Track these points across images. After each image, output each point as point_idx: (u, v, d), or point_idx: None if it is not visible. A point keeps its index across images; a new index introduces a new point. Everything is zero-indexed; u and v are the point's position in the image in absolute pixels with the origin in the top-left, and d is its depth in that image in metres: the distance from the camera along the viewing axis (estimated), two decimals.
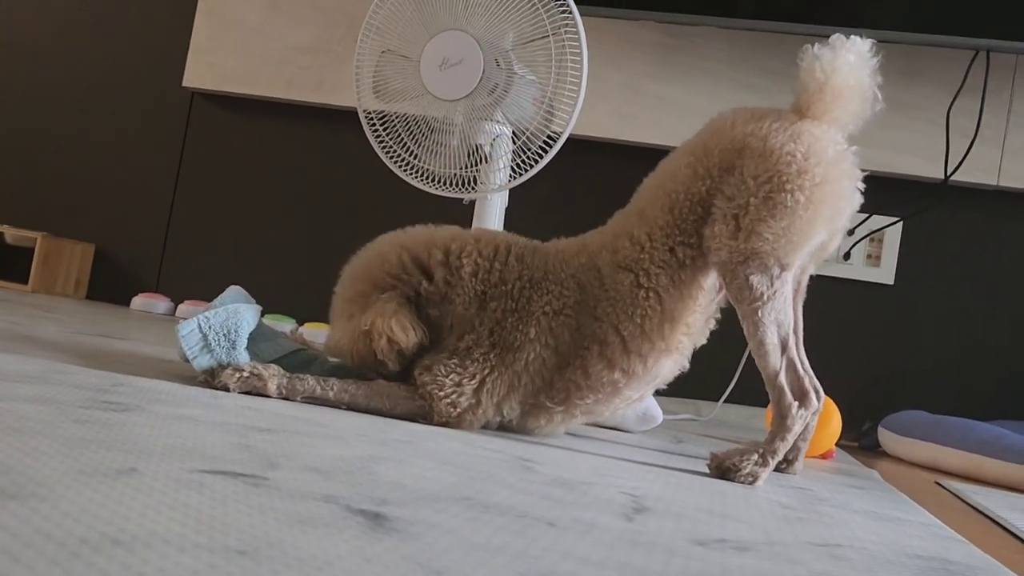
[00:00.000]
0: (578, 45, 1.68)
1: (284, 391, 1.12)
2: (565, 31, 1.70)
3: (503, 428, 1.23)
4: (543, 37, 1.71)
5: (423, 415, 1.16)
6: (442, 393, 1.15)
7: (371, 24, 1.81)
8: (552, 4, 1.69)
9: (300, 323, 2.51)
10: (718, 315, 1.23)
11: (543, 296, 1.18)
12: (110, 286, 2.93)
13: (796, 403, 1.10)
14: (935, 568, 0.72)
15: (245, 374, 1.10)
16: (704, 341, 1.23)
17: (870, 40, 1.14)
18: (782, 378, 1.10)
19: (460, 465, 0.83)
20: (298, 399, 1.13)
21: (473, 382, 1.16)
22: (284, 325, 2.45)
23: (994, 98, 2.30)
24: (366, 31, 1.81)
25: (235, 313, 1.14)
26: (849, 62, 1.12)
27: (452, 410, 1.15)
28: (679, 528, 0.71)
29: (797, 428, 1.11)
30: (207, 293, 2.73)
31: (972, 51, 2.25)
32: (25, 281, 2.72)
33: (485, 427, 1.21)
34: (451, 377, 1.15)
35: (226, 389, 1.10)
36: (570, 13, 1.68)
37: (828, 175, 1.09)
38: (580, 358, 1.17)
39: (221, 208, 2.87)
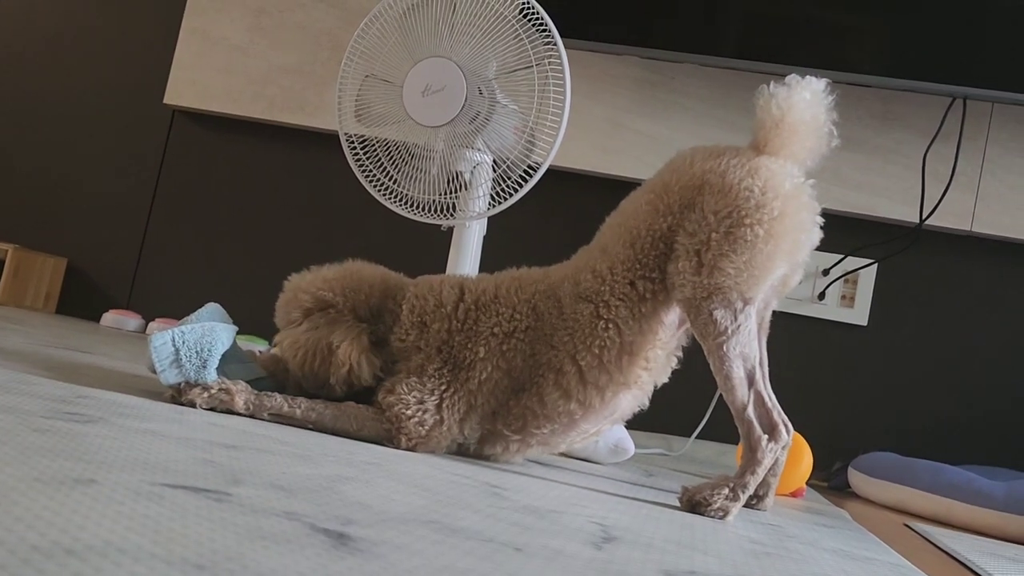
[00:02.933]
0: (561, 77, 1.69)
1: (251, 407, 1.11)
2: (549, 62, 1.70)
3: (461, 453, 1.22)
4: (526, 67, 1.72)
5: (389, 438, 1.15)
6: (409, 412, 1.14)
7: (356, 48, 1.81)
8: (536, 35, 1.69)
9: (273, 345, 2.48)
10: (679, 352, 1.23)
11: (491, 317, 1.19)
12: (81, 301, 2.90)
13: (766, 436, 1.10)
14: None
15: (213, 390, 1.10)
16: (666, 379, 1.23)
17: (825, 79, 1.15)
18: (750, 411, 1.10)
19: (428, 489, 0.82)
20: (265, 416, 1.12)
21: (434, 397, 1.16)
22: (256, 346, 2.42)
23: (969, 145, 2.33)
24: (350, 55, 1.81)
25: (211, 331, 1.12)
26: (805, 99, 1.13)
27: (421, 429, 1.14)
28: (648, 558, 0.70)
29: (767, 462, 1.10)
30: (179, 311, 2.71)
31: (949, 98, 2.28)
32: None
33: (449, 447, 1.20)
34: (413, 394, 1.15)
35: (193, 406, 1.08)
36: (554, 45, 1.69)
37: (786, 208, 1.09)
38: (536, 385, 1.17)
39: (197, 227, 2.85)
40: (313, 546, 0.51)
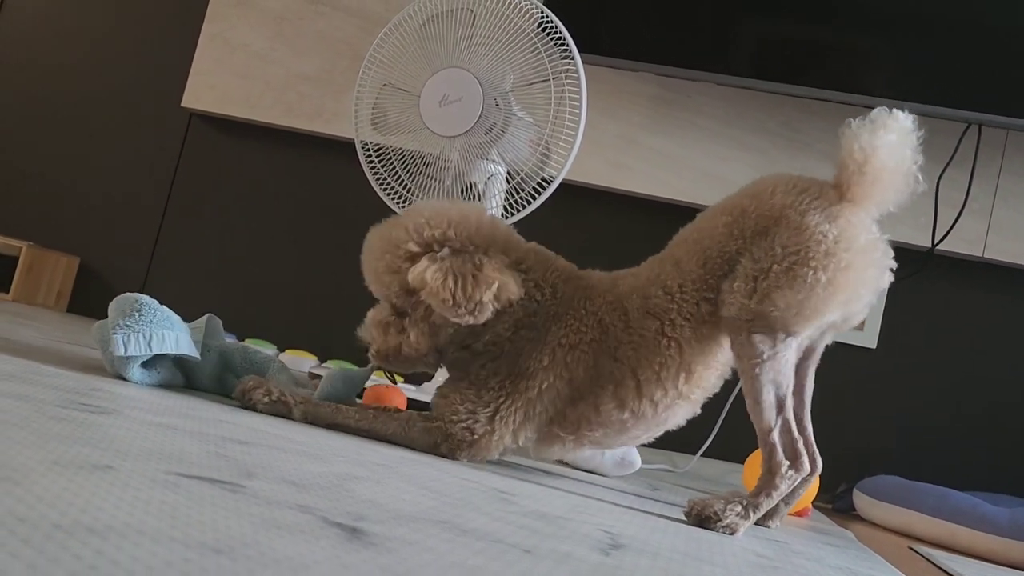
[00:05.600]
0: (578, 91, 1.70)
1: (309, 417, 1.17)
2: (566, 76, 1.71)
3: (520, 454, 1.25)
4: (543, 81, 1.73)
5: (440, 443, 1.17)
6: (455, 418, 1.16)
7: (375, 57, 1.82)
8: (554, 49, 1.71)
9: (281, 349, 2.49)
10: (729, 370, 1.24)
11: (560, 328, 1.19)
12: (92, 300, 2.91)
13: (787, 463, 1.10)
14: None
15: (274, 396, 1.15)
16: (716, 391, 1.24)
17: (912, 115, 1.12)
18: (775, 436, 1.11)
19: (437, 491, 0.83)
20: (321, 424, 1.17)
21: (487, 410, 1.17)
22: (266, 350, 2.43)
23: (983, 171, 2.33)
24: (369, 63, 1.83)
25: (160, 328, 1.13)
26: (890, 143, 1.10)
27: (469, 435, 1.16)
28: (655, 566, 0.70)
29: (783, 488, 1.10)
30: (190, 314, 2.71)
31: (964, 123, 2.29)
32: (7, 290, 2.70)
33: (502, 454, 1.22)
34: (465, 406, 1.17)
35: (254, 409, 1.15)
36: (572, 59, 1.70)
37: (854, 262, 1.09)
38: (593, 395, 1.18)
39: (210, 230, 2.87)
40: (327, 537, 0.51)
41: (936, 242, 2.32)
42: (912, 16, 2.25)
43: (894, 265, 1.14)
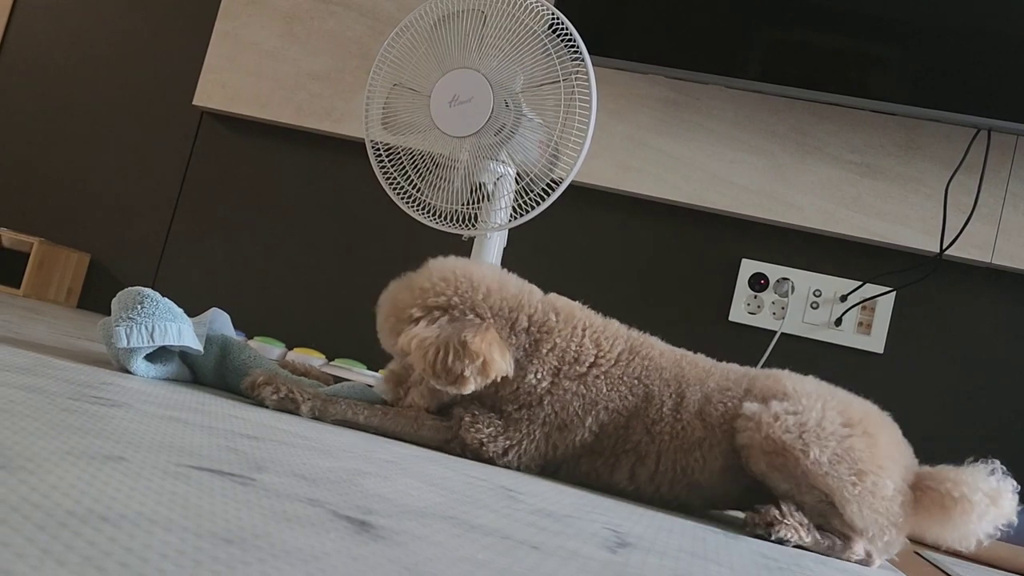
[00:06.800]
0: (588, 93, 1.70)
1: (316, 412, 1.16)
2: (576, 78, 1.72)
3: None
4: (553, 82, 1.73)
5: (450, 440, 1.18)
6: (473, 431, 1.17)
7: (385, 57, 1.83)
8: (564, 51, 1.71)
9: (290, 347, 2.50)
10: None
11: (612, 391, 1.19)
12: (102, 297, 2.92)
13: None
14: None
15: (282, 393, 1.15)
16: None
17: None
18: None
19: (445, 488, 0.83)
20: (329, 420, 1.17)
21: (509, 442, 1.18)
22: (273, 349, 2.44)
23: (993, 176, 2.33)
24: (379, 63, 1.83)
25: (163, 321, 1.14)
26: None
27: (478, 447, 1.17)
28: (662, 565, 0.70)
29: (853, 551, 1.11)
30: (199, 311, 2.72)
31: (973, 129, 2.28)
32: (18, 285, 2.71)
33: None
34: (490, 429, 1.18)
35: (263, 404, 1.15)
36: (582, 61, 1.71)
37: None
38: (615, 458, 1.20)
39: (220, 228, 2.88)
40: (337, 530, 0.51)
41: (944, 247, 2.31)
42: (922, 21, 2.24)
43: None
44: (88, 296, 2.93)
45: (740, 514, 1.20)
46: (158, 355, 1.17)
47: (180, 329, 1.14)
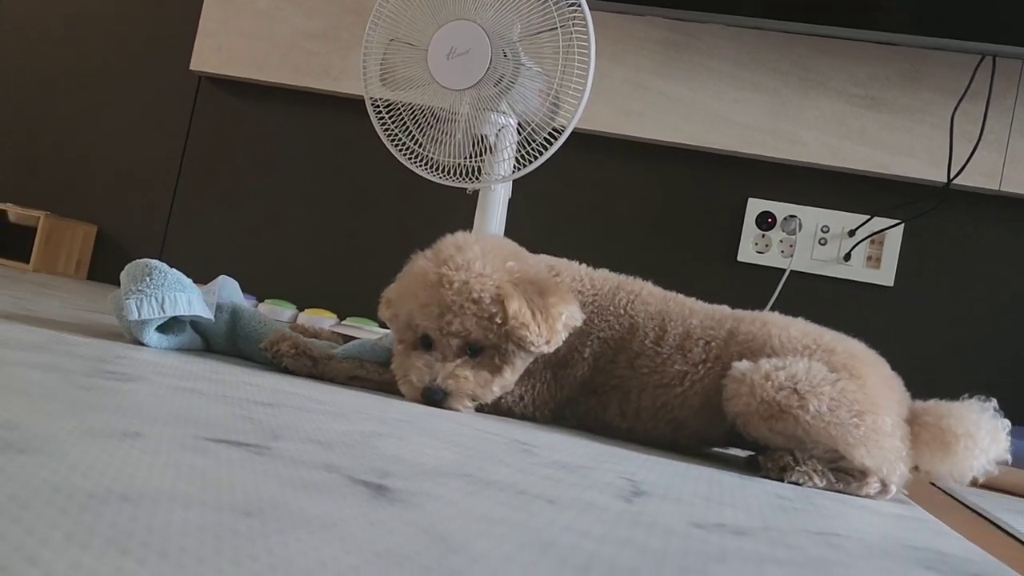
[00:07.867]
0: (586, 39, 1.68)
1: (330, 372, 1.20)
2: (573, 24, 1.70)
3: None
4: (551, 30, 1.71)
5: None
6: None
7: (380, 12, 1.81)
8: None
9: (300, 309, 2.51)
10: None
11: (602, 321, 1.23)
12: (111, 268, 2.93)
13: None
14: (931, 559, 0.72)
15: (300, 350, 1.19)
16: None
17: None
18: None
19: (460, 444, 0.84)
20: (341, 380, 1.21)
21: (523, 388, 1.21)
22: (284, 311, 2.45)
23: (998, 103, 2.30)
24: (375, 19, 1.82)
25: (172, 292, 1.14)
26: None
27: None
28: (678, 511, 0.71)
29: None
30: (208, 277, 2.73)
31: (978, 56, 2.25)
32: (27, 260, 2.72)
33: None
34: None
35: (280, 362, 1.18)
36: (579, 6, 1.69)
37: None
38: (606, 394, 1.23)
39: (224, 193, 2.87)
40: (354, 495, 0.52)
41: (952, 177, 2.30)
42: None
43: None
44: (97, 267, 2.95)
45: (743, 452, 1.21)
46: (169, 326, 1.18)
47: (190, 299, 1.15)
